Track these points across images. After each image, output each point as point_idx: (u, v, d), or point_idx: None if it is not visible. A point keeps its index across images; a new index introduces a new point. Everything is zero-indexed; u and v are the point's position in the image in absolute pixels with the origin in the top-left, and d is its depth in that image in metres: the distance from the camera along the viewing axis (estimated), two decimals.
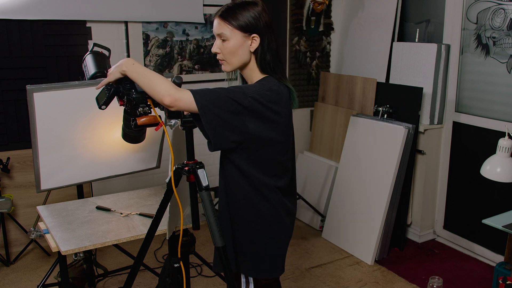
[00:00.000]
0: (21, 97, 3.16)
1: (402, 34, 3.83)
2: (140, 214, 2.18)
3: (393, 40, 3.76)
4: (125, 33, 3.47)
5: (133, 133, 1.86)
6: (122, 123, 1.84)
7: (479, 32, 3.25)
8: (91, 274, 2.65)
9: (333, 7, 4.23)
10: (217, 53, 1.66)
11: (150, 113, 1.67)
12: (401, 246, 3.49)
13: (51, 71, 3.26)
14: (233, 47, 1.61)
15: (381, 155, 3.33)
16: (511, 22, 3.04)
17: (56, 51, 3.26)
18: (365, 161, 3.45)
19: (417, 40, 3.60)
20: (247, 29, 1.59)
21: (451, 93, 3.46)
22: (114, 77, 1.59)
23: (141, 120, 1.61)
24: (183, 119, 1.60)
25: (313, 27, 4.16)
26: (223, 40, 1.62)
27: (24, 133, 3.23)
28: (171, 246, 2.13)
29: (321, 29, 4.21)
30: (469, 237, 3.43)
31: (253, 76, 1.67)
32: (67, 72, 3.30)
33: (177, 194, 1.68)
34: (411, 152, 3.34)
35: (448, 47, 3.41)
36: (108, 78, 1.61)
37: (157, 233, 1.88)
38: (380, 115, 3.51)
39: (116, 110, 1.82)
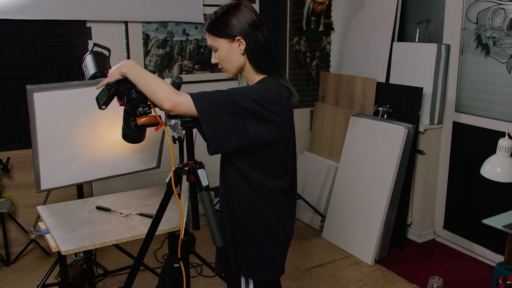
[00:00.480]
0: (21, 97, 3.16)
1: (402, 34, 3.83)
2: (140, 214, 2.18)
3: (393, 40, 3.76)
4: (125, 33, 3.47)
5: (133, 133, 1.86)
6: (122, 123, 1.84)
7: (479, 32, 3.25)
8: (91, 274, 2.65)
9: (333, 7, 4.23)
10: (216, 63, 1.70)
11: (150, 113, 1.67)
12: (401, 246, 3.49)
13: (51, 71, 3.26)
14: (223, 54, 1.64)
15: (381, 155, 3.33)
16: (511, 22, 3.04)
17: (56, 51, 3.26)
18: (365, 161, 3.45)
19: (417, 40, 3.60)
20: (229, 35, 1.61)
21: (451, 93, 3.46)
22: (114, 78, 1.60)
23: (141, 120, 1.62)
24: (183, 119, 1.60)
25: (313, 27, 4.16)
26: (215, 50, 1.67)
27: (24, 133, 3.23)
28: (171, 246, 2.13)
29: (321, 29, 4.21)
30: (469, 237, 3.43)
31: (252, 76, 1.68)
32: (67, 72, 3.30)
33: (177, 194, 1.68)
34: (411, 152, 3.34)
35: (448, 47, 3.41)
36: (108, 78, 1.62)
37: (157, 233, 1.88)
38: (380, 115, 3.51)
39: (116, 110, 1.82)
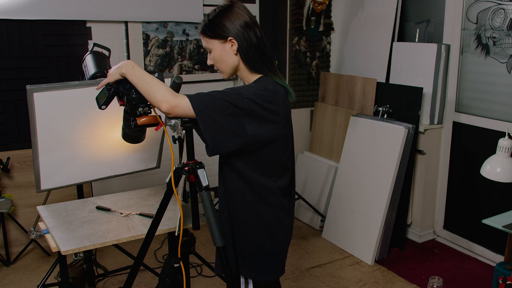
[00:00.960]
0: (21, 97, 3.16)
1: (402, 34, 3.83)
2: (140, 214, 2.18)
3: (393, 40, 3.76)
4: (125, 33, 3.47)
5: (133, 133, 1.86)
6: (122, 123, 1.84)
7: (479, 32, 3.25)
8: (91, 274, 2.65)
9: (333, 7, 4.23)
10: (212, 64, 1.72)
11: (150, 113, 1.67)
12: (401, 246, 3.49)
13: (51, 71, 3.26)
14: (217, 56, 1.66)
15: (381, 155, 3.33)
16: (511, 22, 3.04)
17: (56, 51, 3.26)
18: (365, 161, 3.45)
19: (417, 40, 3.60)
20: (221, 36, 1.63)
21: (451, 93, 3.46)
22: (114, 78, 1.60)
23: (141, 120, 1.62)
24: (183, 119, 1.60)
25: (313, 27, 4.16)
26: (209, 52, 1.68)
27: (24, 133, 3.23)
28: (171, 246, 2.13)
29: (321, 29, 4.21)
30: (469, 237, 3.43)
31: (247, 76, 1.69)
32: (67, 72, 3.30)
33: (177, 194, 1.68)
34: (411, 152, 3.34)
35: (448, 47, 3.41)
36: (108, 79, 1.62)
37: (157, 233, 1.88)
38: (380, 115, 3.51)
39: (116, 110, 1.82)
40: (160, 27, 3.58)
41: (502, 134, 2.54)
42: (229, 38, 1.62)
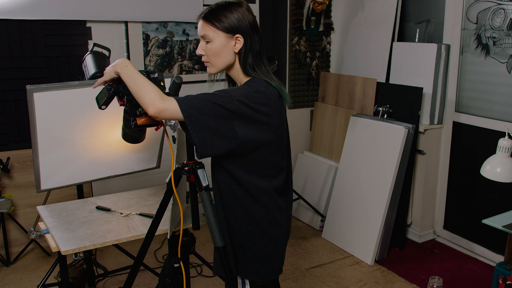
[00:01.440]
0: (21, 97, 3.16)
1: (402, 34, 3.83)
2: (140, 214, 2.18)
3: (393, 40, 3.76)
4: (125, 33, 3.47)
5: (133, 133, 1.86)
6: (122, 123, 1.84)
7: (479, 32, 3.25)
8: (91, 274, 2.65)
9: (333, 7, 4.23)
10: (202, 55, 1.65)
11: None
12: (401, 246, 3.49)
13: (51, 71, 3.26)
14: (217, 48, 1.60)
15: (381, 155, 3.33)
16: (511, 22, 3.04)
17: (56, 51, 3.26)
18: (365, 161, 3.45)
19: (417, 40, 3.60)
20: (230, 30, 1.58)
21: (451, 93, 3.46)
22: (110, 76, 1.58)
23: (141, 120, 1.61)
24: None
25: (313, 27, 4.16)
26: (207, 42, 1.61)
27: (24, 133, 3.23)
28: (171, 246, 2.14)
29: (321, 29, 4.21)
30: (469, 237, 3.43)
31: (240, 77, 1.66)
32: (67, 72, 3.30)
33: (177, 194, 1.68)
34: (411, 152, 3.34)
35: (448, 47, 3.41)
36: (104, 77, 1.60)
37: (157, 233, 1.88)
38: (380, 115, 3.51)
39: (116, 110, 1.82)
40: (160, 27, 3.58)
41: (502, 134, 2.54)
42: (237, 36, 1.59)
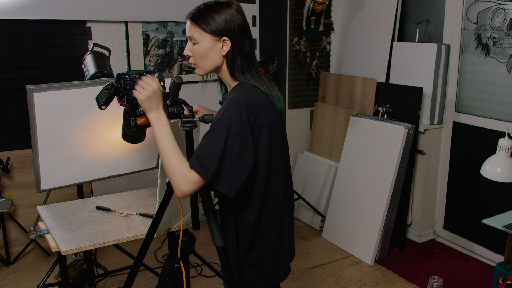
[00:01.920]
0: (21, 97, 3.16)
1: (402, 34, 3.83)
2: (140, 214, 2.18)
3: (393, 40, 3.76)
4: (125, 33, 3.47)
5: (133, 133, 1.86)
6: (122, 123, 1.84)
7: (479, 32, 3.25)
8: (91, 274, 2.65)
9: (333, 7, 4.23)
10: (189, 56, 1.60)
11: None
12: (401, 246, 3.49)
13: (51, 71, 3.26)
14: (203, 50, 1.54)
15: (381, 155, 3.33)
16: (511, 22, 3.04)
17: (56, 51, 3.26)
18: (365, 161, 3.45)
19: (417, 40, 3.60)
20: (217, 33, 1.52)
21: (451, 93, 3.46)
22: (144, 107, 1.52)
23: (141, 120, 1.61)
24: (183, 119, 1.60)
25: (313, 27, 4.16)
26: (194, 43, 1.56)
27: (24, 133, 3.23)
28: (171, 246, 2.13)
29: (321, 29, 4.21)
30: (469, 237, 3.43)
31: (228, 79, 1.61)
32: (67, 72, 3.30)
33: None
34: (411, 152, 3.34)
35: (448, 47, 3.41)
36: (140, 100, 1.53)
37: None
38: (380, 115, 3.51)
39: (116, 110, 1.82)
40: (160, 27, 3.58)
41: (502, 134, 2.54)
42: (224, 38, 1.53)
